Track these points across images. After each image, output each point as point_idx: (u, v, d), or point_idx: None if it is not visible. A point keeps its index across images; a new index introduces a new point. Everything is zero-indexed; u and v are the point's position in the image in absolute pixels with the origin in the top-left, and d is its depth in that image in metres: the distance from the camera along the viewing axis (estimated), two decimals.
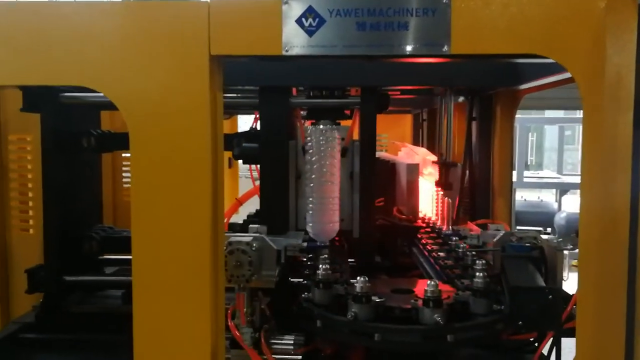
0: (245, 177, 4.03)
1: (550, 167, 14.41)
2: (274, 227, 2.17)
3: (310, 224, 2.10)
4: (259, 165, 2.33)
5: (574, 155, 15.11)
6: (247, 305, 1.76)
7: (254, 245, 1.72)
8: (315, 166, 2.07)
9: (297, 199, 2.29)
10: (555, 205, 10.64)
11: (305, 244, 1.97)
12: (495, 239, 2.11)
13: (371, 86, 2.25)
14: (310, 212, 2.10)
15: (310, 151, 2.08)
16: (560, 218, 9.96)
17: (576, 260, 1.48)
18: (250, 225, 1.94)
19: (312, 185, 2.09)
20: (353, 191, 2.30)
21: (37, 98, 2.14)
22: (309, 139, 2.09)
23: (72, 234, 2.26)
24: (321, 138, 2.06)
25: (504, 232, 2.15)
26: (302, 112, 2.40)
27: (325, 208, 2.08)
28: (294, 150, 2.28)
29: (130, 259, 1.51)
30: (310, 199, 2.09)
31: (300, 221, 2.29)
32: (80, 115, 2.34)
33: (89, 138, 2.25)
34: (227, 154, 2.20)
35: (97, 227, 2.43)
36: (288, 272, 1.98)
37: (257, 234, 1.83)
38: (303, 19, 1.40)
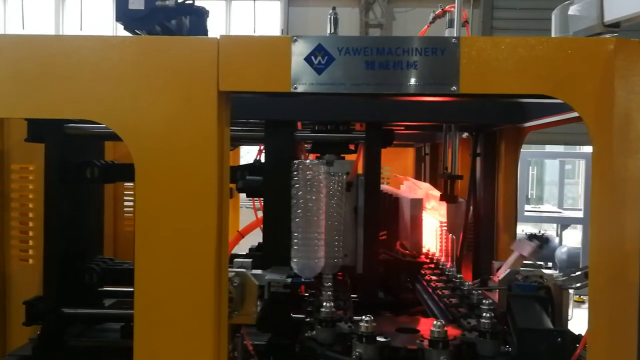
0: (246, 207, 4.01)
1: (550, 201, 14.39)
2: (276, 262, 2.13)
3: (295, 260, 1.97)
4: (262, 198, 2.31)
5: (574, 189, 15.10)
6: (229, 342, 1.71)
7: (235, 281, 1.69)
8: (300, 201, 1.98)
9: None
10: (557, 240, 10.59)
11: (289, 280, 1.87)
12: (500, 277, 2.07)
13: (376, 122, 2.25)
14: (295, 247, 1.97)
15: (296, 185, 1.99)
16: (561, 252, 9.91)
17: (578, 296, 1.46)
18: (235, 260, 1.88)
19: (297, 220, 1.97)
20: (357, 226, 2.27)
21: (41, 128, 2.14)
22: (294, 173, 2.00)
23: (73, 265, 2.24)
24: (307, 173, 1.98)
25: (509, 270, 2.11)
26: (306, 146, 2.40)
27: (310, 244, 1.97)
28: None
29: (130, 291, 1.49)
30: (295, 234, 1.98)
31: None
32: (85, 145, 2.34)
33: (93, 169, 2.24)
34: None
35: (98, 258, 2.41)
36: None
37: (240, 269, 1.77)
38: (312, 57, 1.41)
